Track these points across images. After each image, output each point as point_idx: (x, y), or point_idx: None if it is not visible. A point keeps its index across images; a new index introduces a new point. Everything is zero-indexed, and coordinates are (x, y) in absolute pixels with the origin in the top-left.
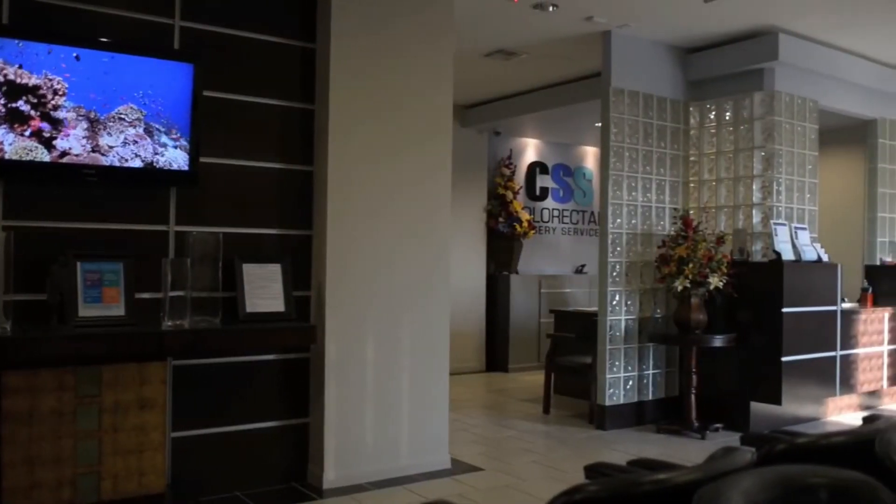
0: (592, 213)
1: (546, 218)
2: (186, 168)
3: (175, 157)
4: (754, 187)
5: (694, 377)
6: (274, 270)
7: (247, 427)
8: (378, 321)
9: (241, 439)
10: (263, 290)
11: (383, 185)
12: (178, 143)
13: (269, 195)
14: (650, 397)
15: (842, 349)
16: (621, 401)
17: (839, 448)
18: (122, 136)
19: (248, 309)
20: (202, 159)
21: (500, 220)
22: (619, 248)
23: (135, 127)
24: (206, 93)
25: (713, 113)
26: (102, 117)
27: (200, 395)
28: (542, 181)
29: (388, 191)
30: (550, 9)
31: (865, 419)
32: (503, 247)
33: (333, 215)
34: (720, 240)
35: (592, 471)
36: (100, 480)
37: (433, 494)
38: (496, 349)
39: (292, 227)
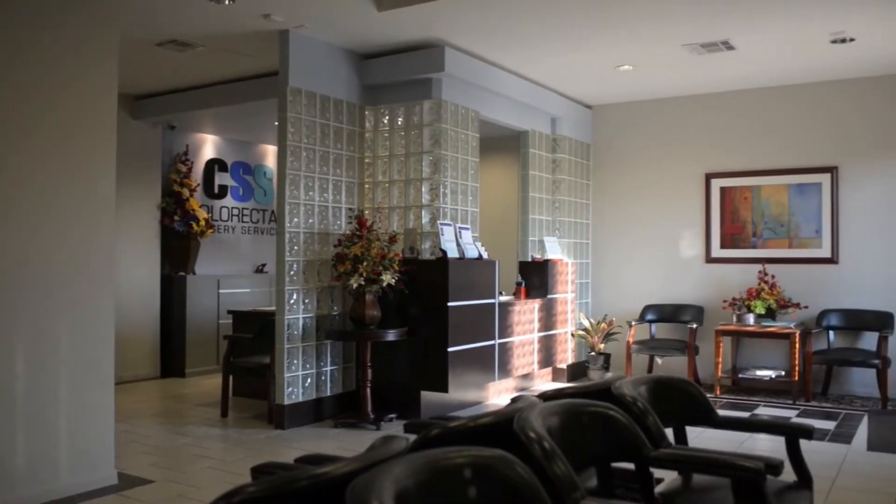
0: (273, 212)
1: (225, 217)
2: None
3: None
4: (423, 189)
5: (369, 371)
6: None
7: None
8: (29, 330)
9: None
10: None
11: (33, 177)
12: None
13: None
14: (328, 393)
15: (500, 338)
16: (300, 398)
17: (486, 428)
18: None
19: None
20: None
21: (176, 218)
22: (296, 248)
23: None
24: None
25: (387, 118)
26: None
27: None
28: (221, 179)
29: (40, 184)
30: (227, 2)
31: (512, 400)
32: (179, 246)
33: None
34: (392, 239)
35: (259, 471)
36: None
37: None
38: (172, 354)
39: None
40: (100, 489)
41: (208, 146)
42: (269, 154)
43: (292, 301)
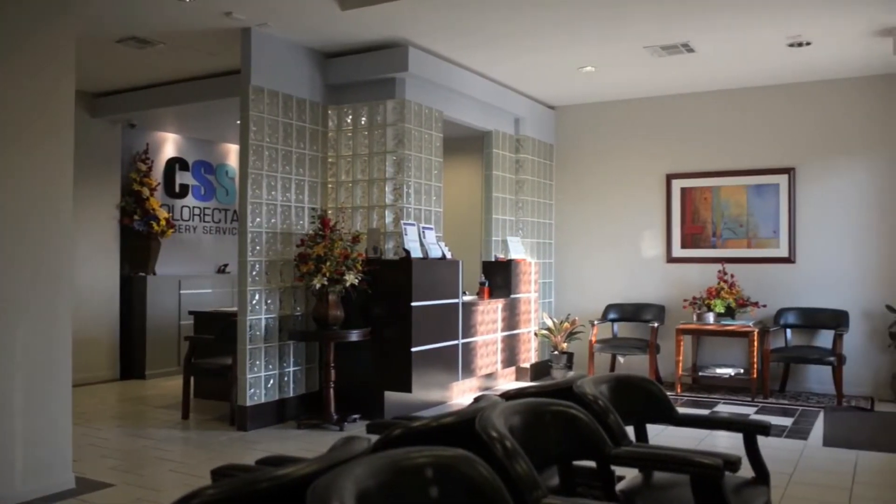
0: (235, 211)
1: (186, 216)
2: None
3: None
4: (387, 189)
5: (332, 371)
6: None
7: None
8: None
9: None
10: None
11: None
12: None
13: None
14: (291, 394)
15: (463, 338)
16: (263, 400)
17: (448, 428)
18: None
19: None
20: None
21: (136, 217)
22: (258, 247)
23: None
24: None
25: (350, 117)
26: None
27: None
28: (182, 178)
29: None
30: None
31: (475, 400)
32: (139, 246)
33: None
34: (356, 239)
35: (219, 474)
36: None
37: None
38: (132, 355)
39: None
40: (57, 494)
41: (169, 145)
42: (232, 153)
43: (254, 301)
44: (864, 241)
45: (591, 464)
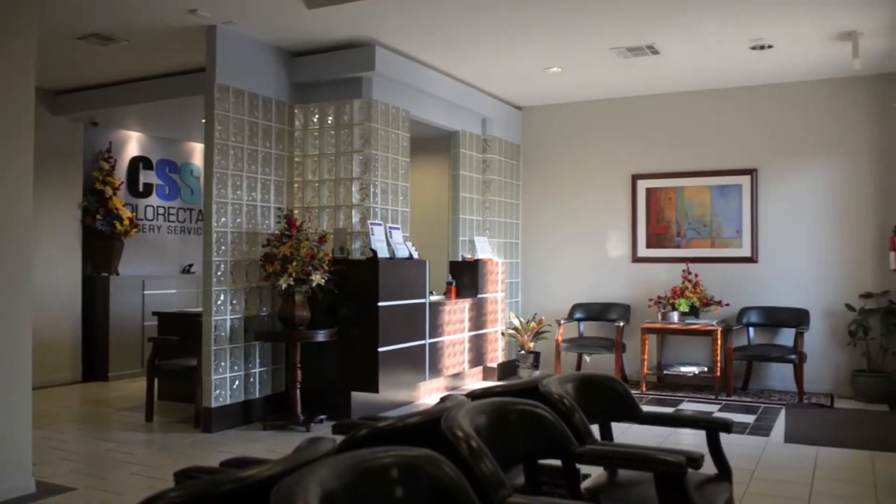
0: (200, 211)
1: (150, 216)
2: None
3: None
4: (353, 189)
5: (298, 372)
6: None
7: None
8: None
9: None
10: None
11: None
12: None
13: None
14: (257, 395)
15: (430, 337)
16: (228, 401)
17: (414, 428)
18: None
19: None
20: None
21: (98, 217)
22: (224, 247)
23: None
24: None
25: (316, 116)
26: None
27: None
28: (146, 177)
29: None
30: None
31: (441, 399)
32: (102, 246)
33: None
34: (322, 238)
35: (182, 476)
36: None
37: None
38: (95, 357)
39: None
40: (16, 498)
41: (133, 143)
42: (196, 152)
43: (220, 302)
44: (824, 241)
45: (557, 462)
